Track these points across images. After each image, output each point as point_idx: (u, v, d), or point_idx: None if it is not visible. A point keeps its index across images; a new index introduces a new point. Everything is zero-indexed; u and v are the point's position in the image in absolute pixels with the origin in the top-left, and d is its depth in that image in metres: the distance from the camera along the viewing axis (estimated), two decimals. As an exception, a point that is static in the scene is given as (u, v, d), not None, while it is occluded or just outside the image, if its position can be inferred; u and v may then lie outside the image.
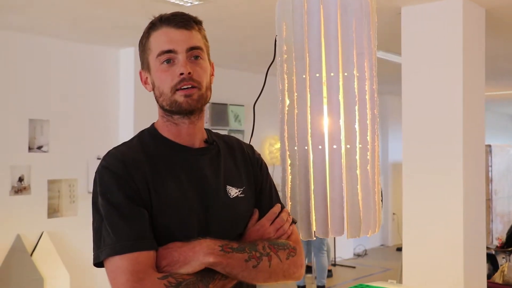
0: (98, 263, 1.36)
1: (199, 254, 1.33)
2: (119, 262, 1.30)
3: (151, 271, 1.30)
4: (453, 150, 3.83)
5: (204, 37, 1.49)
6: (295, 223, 1.57)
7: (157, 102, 1.47)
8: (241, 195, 1.50)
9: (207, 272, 1.34)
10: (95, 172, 1.42)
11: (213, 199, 1.45)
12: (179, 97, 1.42)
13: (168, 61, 1.42)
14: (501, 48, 5.58)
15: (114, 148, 1.46)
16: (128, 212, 1.34)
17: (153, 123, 1.53)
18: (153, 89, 1.47)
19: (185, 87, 1.41)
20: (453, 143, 3.83)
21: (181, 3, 3.90)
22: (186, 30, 1.43)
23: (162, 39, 1.43)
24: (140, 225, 1.34)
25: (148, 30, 1.47)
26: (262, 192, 1.57)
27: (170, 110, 1.45)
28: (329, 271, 7.34)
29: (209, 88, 1.48)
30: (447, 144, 3.86)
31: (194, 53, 1.44)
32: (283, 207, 1.57)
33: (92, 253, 1.37)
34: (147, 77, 1.49)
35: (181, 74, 1.40)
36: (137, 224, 1.33)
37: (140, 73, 1.52)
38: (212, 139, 1.54)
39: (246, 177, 1.55)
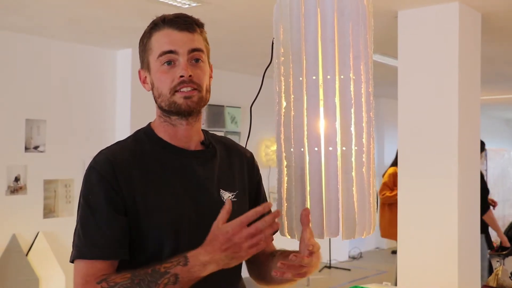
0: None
1: None
2: (80, 265, 1.33)
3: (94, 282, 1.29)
4: (448, 154, 3.84)
5: (205, 40, 1.49)
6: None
7: (156, 102, 1.46)
8: (234, 199, 1.48)
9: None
10: (85, 171, 1.42)
11: (205, 203, 1.43)
12: (179, 98, 1.41)
13: (169, 62, 1.41)
14: (497, 52, 5.60)
15: (107, 147, 1.45)
16: (103, 218, 1.34)
17: (150, 122, 1.52)
18: (152, 89, 1.46)
19: (184, 89, 1.40)
20: (448, 147, 3.85)
21: (178, 5, 3.91)
22: (188, 32, 1.43)
23: (164, 40, 1.42)
24: (112, 232, 1.33)
25: (150, 30, 1.45)
26: (258, 197, 1.56)
27: (168, 110, 1.44)
28: None
29: (208, 90, 1.47)
30: (443, 148, 3.87)
31: (195, 56, 1.43)
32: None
33: None
34: (146, 77, 1.48)
35: (181, 76, 1.40)
36: (108, 231, 1.33)
37: (139, 72, 1.51)
38: (209, 141, 1.54)
39: (240, 181, 1.54)
